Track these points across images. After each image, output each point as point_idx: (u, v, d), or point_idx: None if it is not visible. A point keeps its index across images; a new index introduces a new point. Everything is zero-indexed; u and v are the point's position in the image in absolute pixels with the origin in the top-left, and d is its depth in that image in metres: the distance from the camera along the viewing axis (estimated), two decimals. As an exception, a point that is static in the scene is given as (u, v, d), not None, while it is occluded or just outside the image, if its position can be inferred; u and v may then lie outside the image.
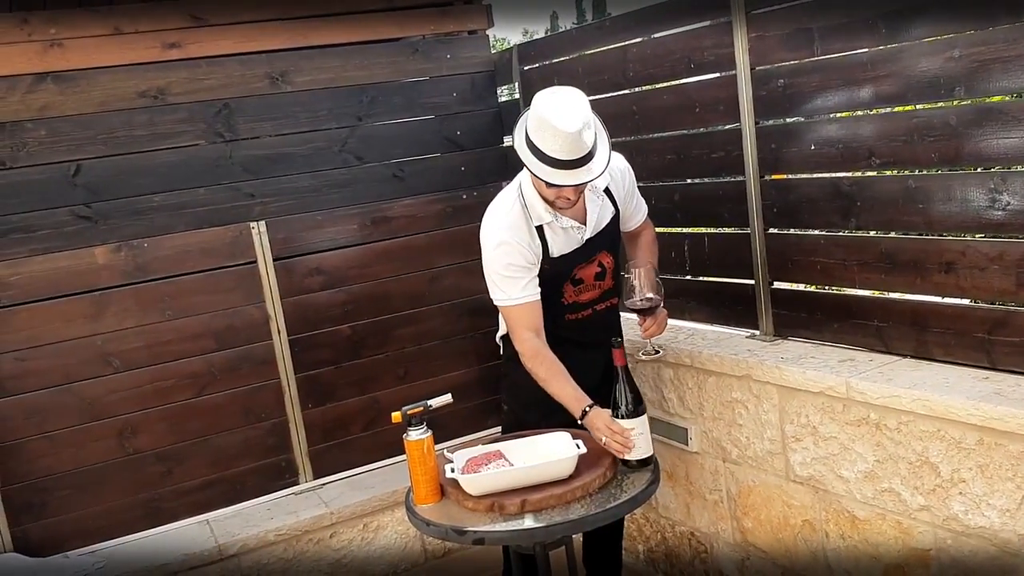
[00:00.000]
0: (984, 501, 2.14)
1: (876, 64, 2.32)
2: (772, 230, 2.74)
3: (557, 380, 2.46)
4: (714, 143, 2.86)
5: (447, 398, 2.38)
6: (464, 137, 3.54)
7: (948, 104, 2.21)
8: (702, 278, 3.07)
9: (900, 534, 2.36)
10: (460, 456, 2.36)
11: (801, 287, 2.73)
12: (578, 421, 2.40)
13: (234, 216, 3.15)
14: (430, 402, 2.32)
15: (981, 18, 2.10)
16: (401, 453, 2.35)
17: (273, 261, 3.21)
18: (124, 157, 2.98)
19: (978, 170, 2.20)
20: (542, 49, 3.53)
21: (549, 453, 2.33)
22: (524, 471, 2.24)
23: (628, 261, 2.68)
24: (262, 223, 3.19)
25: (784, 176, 2.69)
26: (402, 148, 3.43)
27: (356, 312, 3.37)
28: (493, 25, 3.56)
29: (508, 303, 2.51)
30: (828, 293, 2.66)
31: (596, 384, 2.51)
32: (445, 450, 2.40)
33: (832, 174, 2.54)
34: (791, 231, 2.71)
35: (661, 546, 3.29)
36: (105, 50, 2.92)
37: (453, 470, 2.27)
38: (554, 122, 2.24)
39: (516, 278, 2.47)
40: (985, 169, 2.18)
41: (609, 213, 2.60)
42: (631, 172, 2.68)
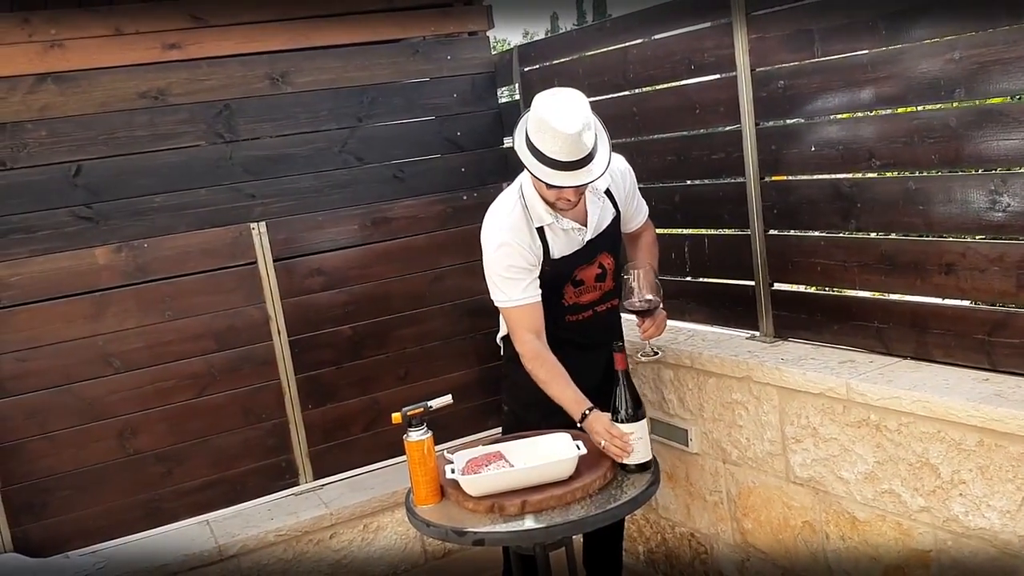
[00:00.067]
0: (984, 502, 2.14)
1: (876, 65, 2.33)
2: (772, 231, 2.74)
3: (557, 382, 2.46)
4: (714, 144, 2.86)
5: (447, 399, 2.38)
6: (464, 138, 3.54)
7: (948, 106, 2.21)
8: (702, 279, 3.07)
9: (900, 535, 2.36)
10: (460, 457, 2.36)
11: (801, 288, 2.73)
12: (577, 424, 2.41)
13: (235, 217, 3.16)
14: (430, 403, 2.32)
15: (981, 20, 2.10)
16: (401, 454, 2.35)
17: (274, 262, 3.21)
18: (125, 158, 2.98)
19: (978, 172, 2.20)
20: (542, 50, 3.53)
21: (549, 454, 2.33)
22: (524, 472, 2.24)
23: (627, 262, 2.68)
24: (263, 224, 3.19)
25: (784, 177, 2.69)
26: (402, 149, 3.43)
27: (357, 313, 3.37)
28: (493, 26, 3.56)
29: (509, 304, 2.51)
30: (828, 294, 2.66)
31: (596, 385, 2.51)
32: (445, 451, 2.40)
33: (832, 175, 2.54)
34: (791, 232, 2.71)
35: (661, 547, 3.29)
36: (106, 51, 2.93)
37: (453, 471, 2.27)
38: (554, 123, 2.24)
39: (517, 279, 2.47)
40: (985, 171, 2.18)
41: (610, 214, 2.60)
42: (632, 173, 2.68)
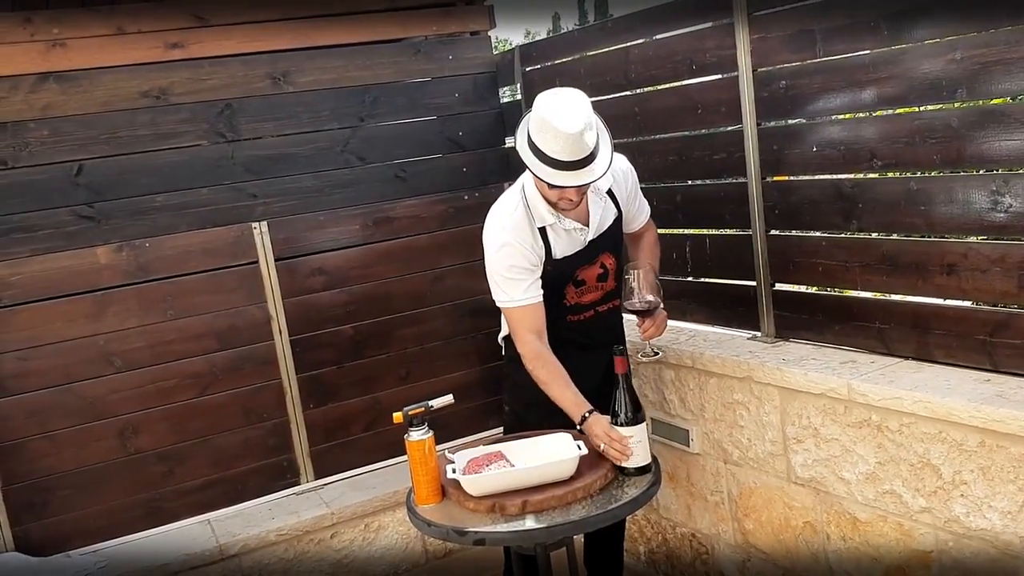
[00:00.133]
0: (985, 503, 2.13)
1: (878, 66, 2.32)
2: (774, 232, 2.74)
3: (557, 384, 2.46)
4: (716, 144, 2.86)
5: (448, 399, 2.38)
6: (466, 138, 3.54)
7: (950, 106, 2.21)
8: (704, 279, 3.07)
9: (901, 536, 2.36)
10: (461, 457, 2.36)
11: (802, 289, 2.73)
12: (577, 427, 2.40)
13: (236, 216, 3.16)
14: (431, 403, 2.32)
15: (983, 20, 2.10)
16: (402, 453, 2.35)
17: (275, 261, 3.22)
18: (126, 157, 2.98)
19: (980, 172, 2.19)
20: (544, 50, 3.53)
21: (550, 454, 2.33)
22: (525, 472, 2.24)
23: (628, 262, 2.68)
24: (264, 223, 3.19)
25: (786, 178, 2.69)
26: (404, 148, 3.43)
27: (358, 312, 3.37)
28: (495, 26, 3.56)
29: (510, 305, 2.51)
30: (830, 295, 2.66)
31: (597, 385, 2.51)
32: (446, 451, 2.40)
33: (834, 176, 2.54)
34: (793, 233, 2.71)
35: (662, 547, 3.29)
36: (108, 50, 2.93)
37: (454, 471, 2.27)
38: (556, 123, 2.24)
39: (519, 280, 2.47)
40: (987, 171, 2.18)
41: (612, 215, 2.60)
42: (634, 173, 2.68)
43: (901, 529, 2.36)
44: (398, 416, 2.30)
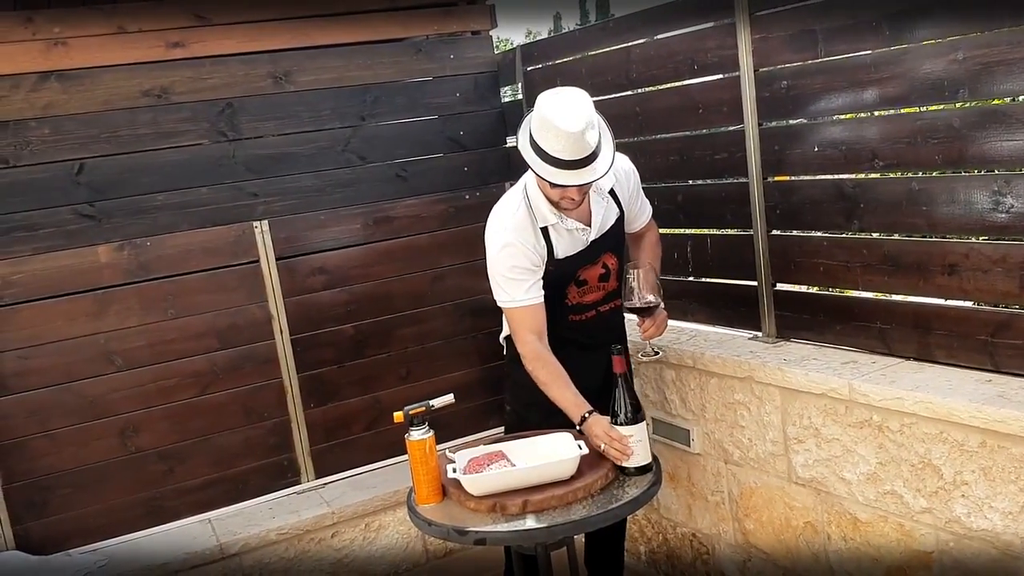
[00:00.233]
0: (987, 504, 2.13)
1: (880, 66, 2.32)
2: (775, 232, 2.74)
3: (557, 384, 2.45)
4: (717, 144, 2.86)
5: (449, 398, 2.38)
6: (467, 137, 3.54)
7: (952, 106, 2.21)
8: (705, 279, 3.07)
9: (902, 536, 2.36)
10: (462, 456, 2.36)
11: (804, 289, 2.73)
12: (576, 428, 2.40)
13: (237, 215, 3.16)
14: (432, 402, 2.32)
15: (985, 20, 2.10)
16: (403, 453, 2.35)
17: (276, 260, 3.22)
18: (127, 156, 2.99)
19: (982, 173, 2.19)
20: (545, 50, 3.53)
21: (551, 454, 2.33)
22: (526, 472, 2.24)
23: (629, 262, 2.68)
24: (265, 222, 3.19)
25: (787, 178, 2.69)
26: (405, 148, 3.43)
27: (359, 312, 3.37)
28: (496, 25, 3.56)
29: (512, 305, 2.50)
30: (831, 295, 2.66)
31: (598, 385, 2.51)
32: (447, 450, 2.40)
33: (835, 176, 2.53)
34: (794, 233, 2.71)
35: (663, 547, 3.29)
36: (109, 49, 2.93)
37: (455, 470, 2.27)
38: (557, 122, 2.24)
39: (520, 280, 2.47)
40: (989, 172, 2.17)
41: (614, 214, 2.60)
42: (636, 173, 2.68)
43: (902, 529, 2.36)
44: (399, 415, 2.30)
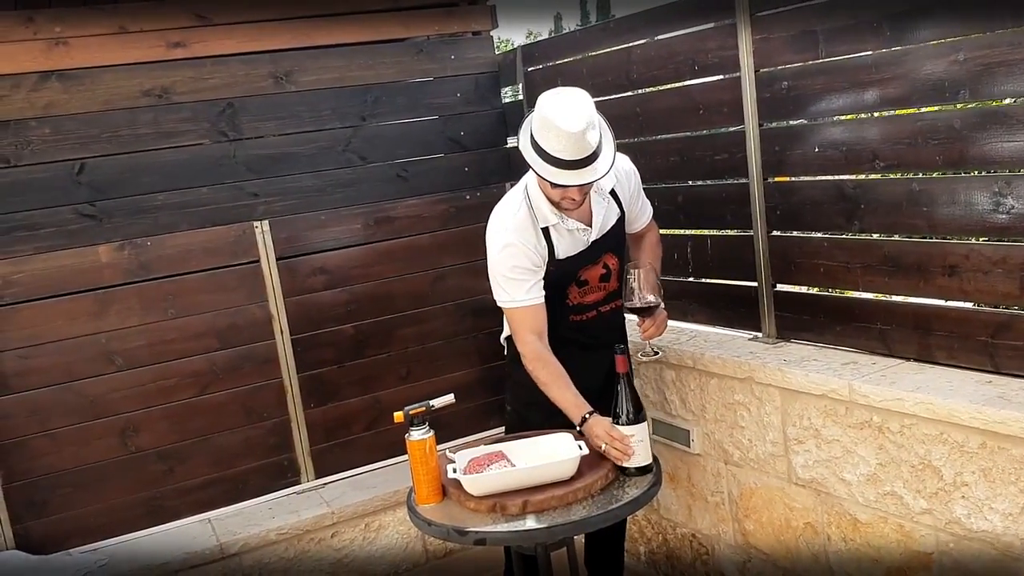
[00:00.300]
0: (987, 505, 2.13)
1: (880, 67, 2.32)
2: (775, 232, 2.74)
3: (557, 385, 2.45)
4: (717, 145, 2.86)
5: (449, 398, 2.38)
6: (468, 138, 3.54)
7: (953, 107, 2.21)
8: (705, 280, 3.07)
9: (902, 537, 2.36)
10: (462, 456, 2.36)
11: (804, 289, 2.73)
12: (577, 428, 2.40)
13: (237, 215, 3.16)
14: (432, 402, 2.32)
15: (986, 21, 2.10)
16: (403, 453, 2.35)
17: (276, 260, 3.22)
18: (128, 156, 2.99)
19: (982, 173, 2.19)
20: (546, 50, 3.53)
21: (551, 454, 2.33)
22: (526, 472, 2.24)
23: (629, 262, 2.68)
24: (265, 222, 3.19)
25: (788, 178, 2.69)
26: (406, 148, 3.43)
27: (359, 312, 3.37)
28: (497, 26, 3.56)
29: (512, 305, 2.51)
30: (831, 296, 2.66)
31: (599, 386, 2.51)
32: (447, 450, 2.40)
33: (836, 177, 2.53)
34: (794, 233, 2.71)
35: (662, 548, 3.29)
36: (110, 49, 2.93)
37: (455, 470, 2.27)
38: (558, 122, 2.24)
39: (521, 280, 2.47)
40: (989, 172, 2.17)
41: (614, 215, 2.60)
42: (637, 174, 2.68)
43: (902, 530, 2.36)
44: (399, 415, 2.30)
